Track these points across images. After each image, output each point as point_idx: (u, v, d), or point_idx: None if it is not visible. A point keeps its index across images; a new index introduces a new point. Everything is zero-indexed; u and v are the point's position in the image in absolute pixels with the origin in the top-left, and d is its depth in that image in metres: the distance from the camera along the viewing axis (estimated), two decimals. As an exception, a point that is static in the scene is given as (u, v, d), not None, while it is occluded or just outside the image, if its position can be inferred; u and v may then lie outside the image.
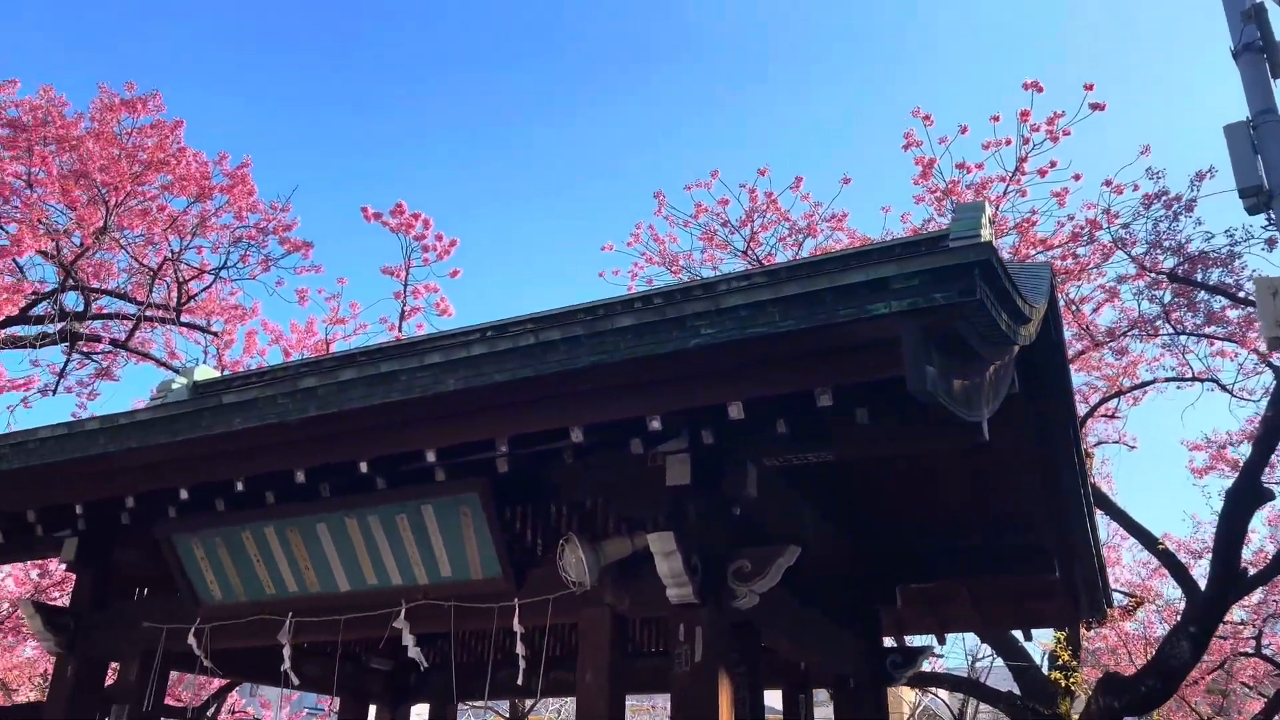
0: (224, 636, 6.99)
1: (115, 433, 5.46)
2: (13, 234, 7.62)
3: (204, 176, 10.15)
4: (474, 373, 4.50)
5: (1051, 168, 11.91)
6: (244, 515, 6.51)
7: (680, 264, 12.80)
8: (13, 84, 8.53)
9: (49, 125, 8.74)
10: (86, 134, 8.95)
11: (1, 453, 5.87)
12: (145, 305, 10.54)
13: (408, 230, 11.93)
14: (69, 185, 8.43)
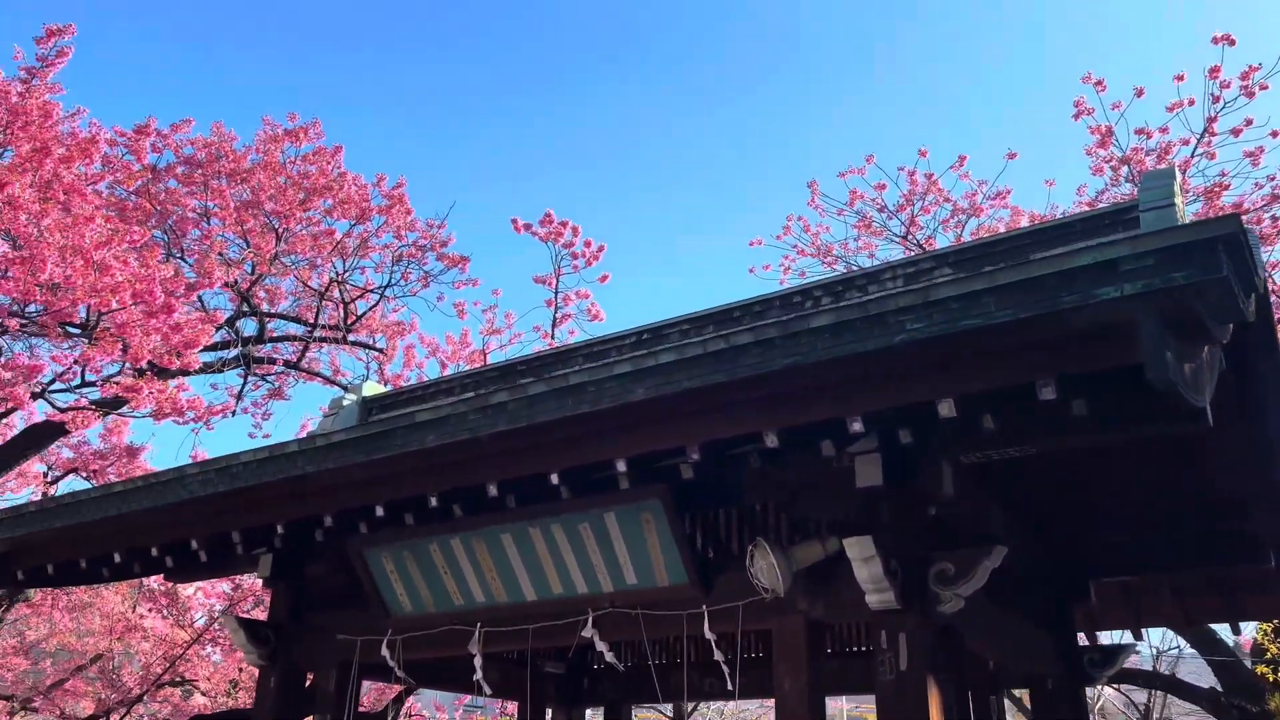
0: (414, 647, 7.22)
1: (313, 454, 5.67)
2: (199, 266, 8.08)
3: (364, 199, 10.56)
4: (663, 380, 4.45)
5: (1247, 126, 11.10)
6: (431, 528, 6.69)
7: (834, 254, 12.56)
8: (187, 123, 9.08)
9: (222, 160, 9.26)
10: (256, 165, 9.45)
11: (207, 477, 6.20)
12: (314, 326, 11.03)
13: (556, 238, 12.12)
14: (244, 216, 8.91)
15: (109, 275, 6.34)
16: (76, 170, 7.24)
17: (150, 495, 6.48)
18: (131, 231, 6.95)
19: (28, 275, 6.07)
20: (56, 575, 7.74)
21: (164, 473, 6.45)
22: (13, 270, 6.08)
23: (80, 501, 6.87)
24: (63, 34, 7.22)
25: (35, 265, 6.04)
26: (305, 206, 9.58)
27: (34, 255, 6.04)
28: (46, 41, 7.24)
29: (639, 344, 9.42)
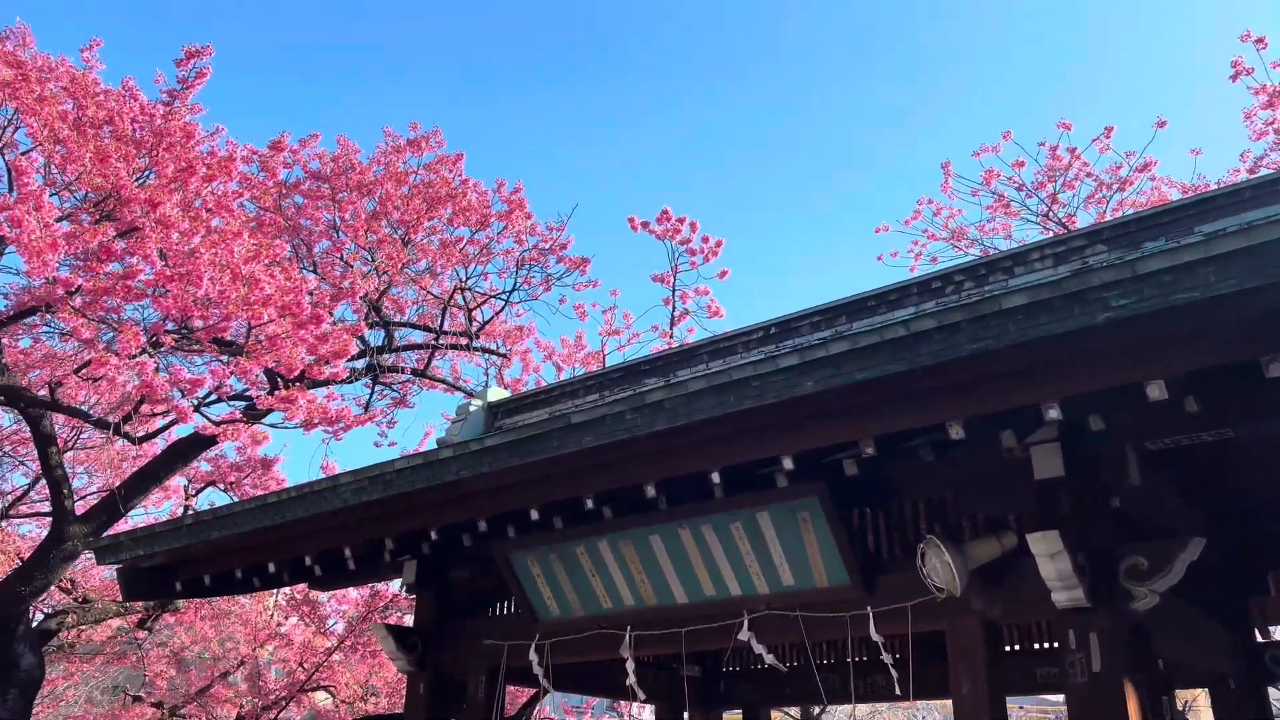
0: (562, 651, 7.21)
1: (467, 459, 5.68)
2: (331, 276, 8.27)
3: (484, 205, 10.65)
4: (834, 372, 4.28)
5: None
6: (577, 531, 6.66)
7: (967, 237, 12.14)
8: (314, 137, 9.30)
9: (349, 173, 9.46)
10: (380, 177, 9.63)
11: (360, 485, 6.28)
12: (439, 334, 11.18)
13: (673, 235, 12.03)
14: (374, 227, 9.08)
15: (258, 289, 6.52)
16: (215, 188, 7.46)
17: (304, 504, 6.61)
18: (273, 245, 7.14)
19: (184, 291, 6.28)
20: (213, 585, 7.98)
21: (318, 482, 6.57)
22: (170, 287, 6.29)
23: (236, 513, 7.06)
24: (201, 55, 7.48)
25: (191, 281, 6.25)
26: (429, 215, 9.72)
27: (190, 271, 6.25)
28: (185, 63, 7.51)
29: (766, 339, 9.23)
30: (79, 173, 6.49)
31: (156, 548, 7.59)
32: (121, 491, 8.70)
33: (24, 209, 5.91)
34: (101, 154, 6.51)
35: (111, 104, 7.21)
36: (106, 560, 8.11)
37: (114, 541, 7.96)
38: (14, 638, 8.87)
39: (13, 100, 6.97)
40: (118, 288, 6.31)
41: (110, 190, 6.54)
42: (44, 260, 5.94)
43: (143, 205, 6.45)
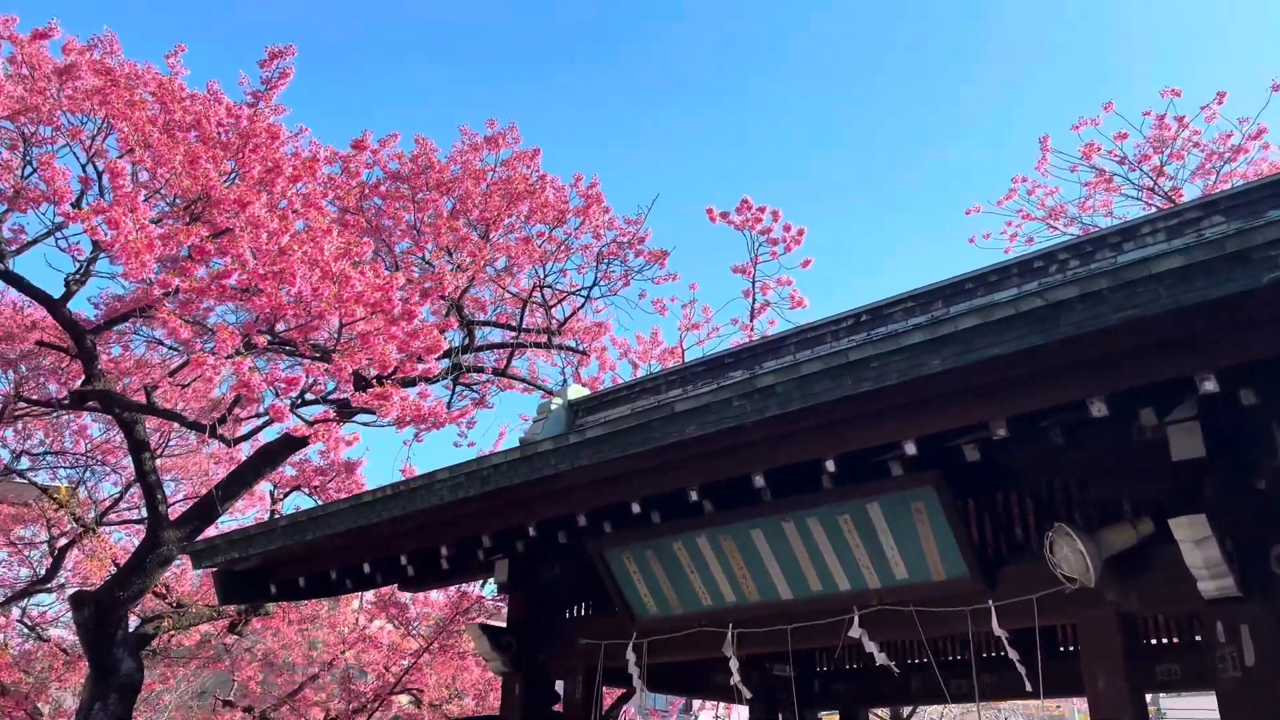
0: (661, 651, 7.06)
1: (567, 452, 5.56)
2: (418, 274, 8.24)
3: (562, 201, 10.57)
4: (964, 349, 4.04)
5: None
6: (675, 526, 6.50)
7: (1065, 216, 11.69)
8: (393, 137, 9.31)
9: (429, 171, 9.46)
10: (459, 175, 9.61)
11: (457, 481, 6.20)
12: (518, 332, 11.13)
13: (753, 226, 11.83)
14: (455, 226, 9.06)
15: (349, 286, 6.50)
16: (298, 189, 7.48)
17: (400, 503, 6.56)
18: (359, 244, 7.14)
19: (277, 290, 6.29)
20: (307, 587, 8.00)
21: (413, 479, 6.51)
22: (263, 286, 6.30)
23: (331, 513, 7.05)
24: (283, 55, 7.53)
25: (284, 279, 6.25)
26: (508, 212, 9.66)
27: (282, 270, 6.25)
28: (269, 64, 7.57)
29: (857, 326, 8.98)
30: (168, 176, 6.54)
31: (251, 550, 7.62)
32: (219, 492, 8.78)
33: (120, 210, 5.98)
34: (192, 156, 6.56)
35: (198, 108, 7.29)
36: (202, 564, 8.18)
37: (210, 545, 8.03)
38: (113, 642, 9.01)
39: (104, 106, 7.08)
40: (213, 288, 6.34)
41: (200, 193, 6.59)
42: (142, 261, 6.00)
43: (232, 206, 6.48)
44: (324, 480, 13.74)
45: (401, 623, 13.50)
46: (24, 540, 17.14)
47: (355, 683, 13.82)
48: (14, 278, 8.20)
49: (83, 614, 8.97)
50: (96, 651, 8.95)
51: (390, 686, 13.08)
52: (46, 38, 7.45)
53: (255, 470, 9.85)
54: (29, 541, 17.19)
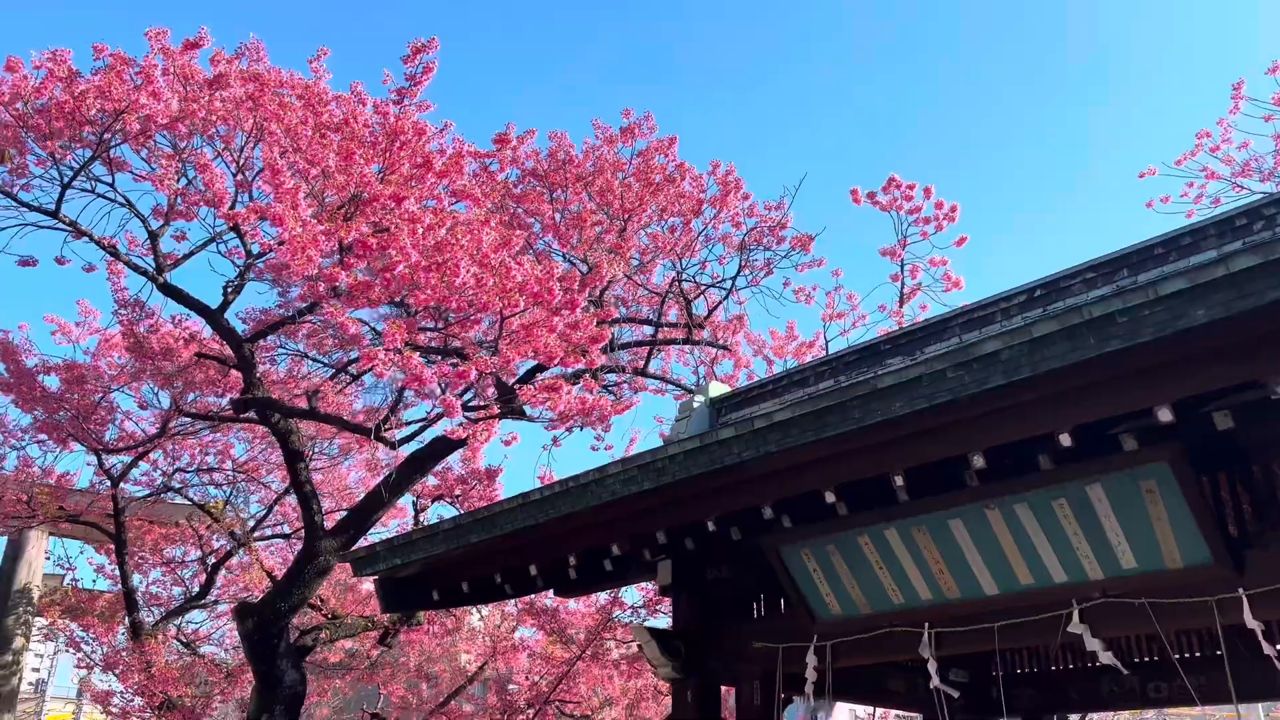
0: (847, 653, 6.65)
1: (752, 439, 5.22)
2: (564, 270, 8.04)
3: (700, 190, 10.28)
4: (1234, 295, 3.54)
5: None
6: (861, 518, 6.08)
7: (1260, 171, 10.76)
8: (530, 134, 9.18)
9: (566, 166, 9.29)
10: (597, 169, 9.42)
11: (630, 475, 5.94)
12: (658, 327, 10.87)
13: (900, 206, 11.29)
14: (600, 220, 8.86)
15: (510, 277, 6.33)
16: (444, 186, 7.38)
17: (568, 500, 6.33)
18: (513, 236, 6.98)
19: (440, 282, 6.16)
20: (471, 592, 7.86)
21: (583, 475, 6.27)
22: (426, 279, 6.18)
23: (495, 514, 6.87)
24: (426, 50, 7.43)
25: (448, 270, 6.11)
26: (647, 203, 9.42)
27: (446, 261, 6.13)
28: (412, 60, 7.49)
29: (1030, 303, 8.38)
30: (321, 177, 6.50)
31: (413, 556, 7.53)
32: (386, 489, 8.71)
33: (284, 206, 5.95)
34: (345, 153, 6.51)
35: (344, 109, 7.26)
36: (363, 571, 8.14)
37: (370, 552, 7.98)
38: (277, 654, 9.08)
39: (256, 111, 7.12)
40: (378, 282, 6.26)
41: (355, 190, 6.53)
42: (308, 256, 5.95)
43: (387, 202, 6.39)
44: (466, 488, 13.72)
45: (552, 630, 13.36)
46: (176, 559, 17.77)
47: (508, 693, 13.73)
48: (173, 290, 8.37)
49: (246, 625, 9.06)
50: (261, 663, 9.03)
51: (543, 696, 12.95)
52: (197, 48, 7.56)
53: (406, 478, 9.82)
54: (180, 560, 17.81)
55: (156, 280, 8.20)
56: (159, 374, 9.67)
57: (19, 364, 10.90)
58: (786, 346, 13.49)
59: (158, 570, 17.93)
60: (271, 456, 16.36)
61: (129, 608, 14.91)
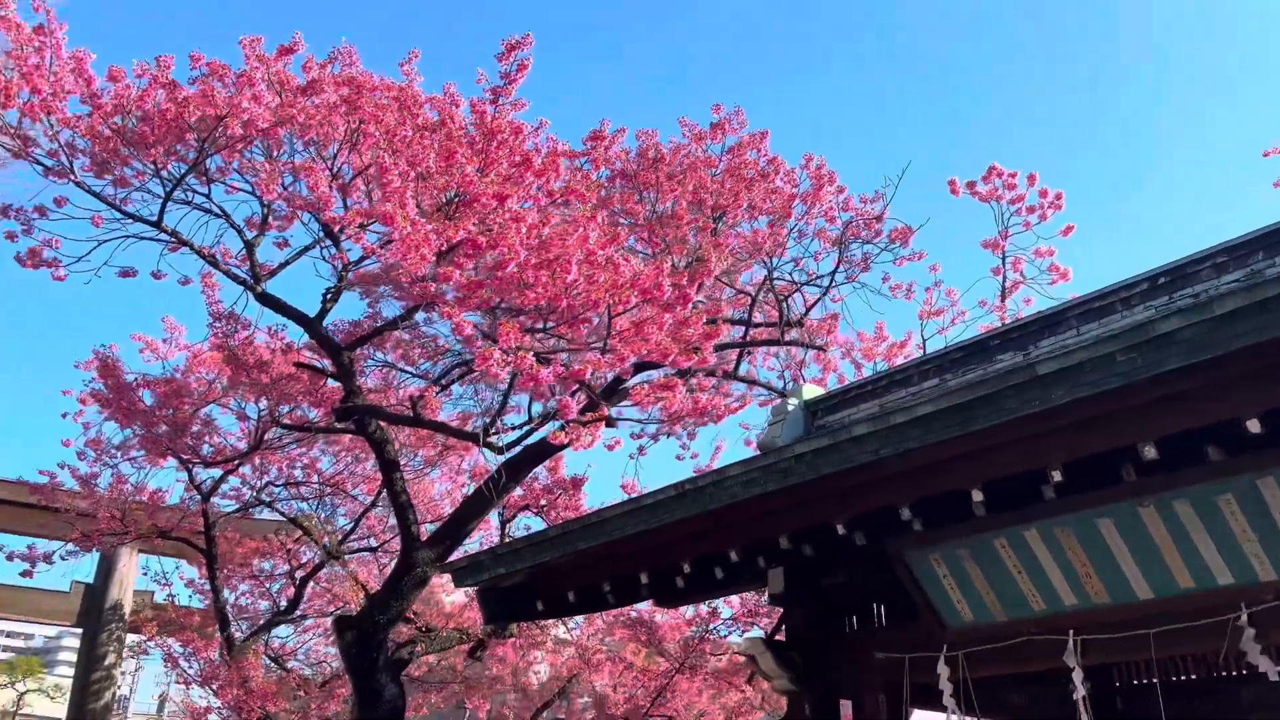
0: (982, 663, 6.30)
1: (889, 435, 4.94)
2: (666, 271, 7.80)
3: (793, 184, 10.00)
4: None
5: None
6: (997, 520, 5.75)
7: (1401, 144, 10.13)
8: (622, 132, 9.03)
9: (658, 164, 9.10)
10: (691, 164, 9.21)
11: (751, 476, 5.69)
12: (748, 328, 10.59)
13: (1000, 195, 10.85)
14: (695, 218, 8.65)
15: (619, 272, 6.14)
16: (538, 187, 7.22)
17: (683, 504, 6.10)
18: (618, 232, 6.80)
19: (551, 280, 6.00)
20: (577, 602, 7.67)
21: (700, 477, 6.05)
22: (536, 276, 6.01)
23: (606, 519, 6.67)
24: (521, 46, 7.31)
25: (560, 268, 5.95)
26: (740, 199, 9.17)
27: (557, 257, 5.97)
28: (506, 57, 7.36)
29: (1154, 290, 7.93)
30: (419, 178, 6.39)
31: (519, 564, 7.36)
32: (493, 489, 8.54)
33: (393, 205, 5.84)
34: (446, 153, 6.39)
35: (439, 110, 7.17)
36: (465, 582, 8.01)
37: (473, 561, 7.84)
38: (376, 668, 8.99)
39: (353, 114, 7.06)
40: (490, 281, 6.12)
41: (457, 190, 6.41)
42: (421, 255, 5.83)
43: (490, 201, 6.25)
44: (552, 498, 13.57)
45: (648, 642, 13.13)
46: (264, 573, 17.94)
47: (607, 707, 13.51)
48: (270, 299, 8.36)
49: (346, 639, 8.99)
50: (360, 677, 8.95)
51: (642, 709, 12.72)
52: (291, 53, 7.54)
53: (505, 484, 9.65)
54: (268, 574, 17.97)
55: (254, 289, 8.20)
56: (255, 386, 9.69)
57: (119, 379, 11.03)
58: (876, 348, 13.09)
59: (245, 585, 18.13)
60: (356, 470, 16.45)
61: (220, 623, 15.04)
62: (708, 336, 6.55)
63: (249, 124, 6.98)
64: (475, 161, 6.48)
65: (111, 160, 7.03)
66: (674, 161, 9.39)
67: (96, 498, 14.70)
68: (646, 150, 9.38)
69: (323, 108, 7.21)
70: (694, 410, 7.12)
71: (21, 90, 6.40)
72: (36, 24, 6.43)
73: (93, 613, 21.99)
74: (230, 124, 6.95)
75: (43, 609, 22.59)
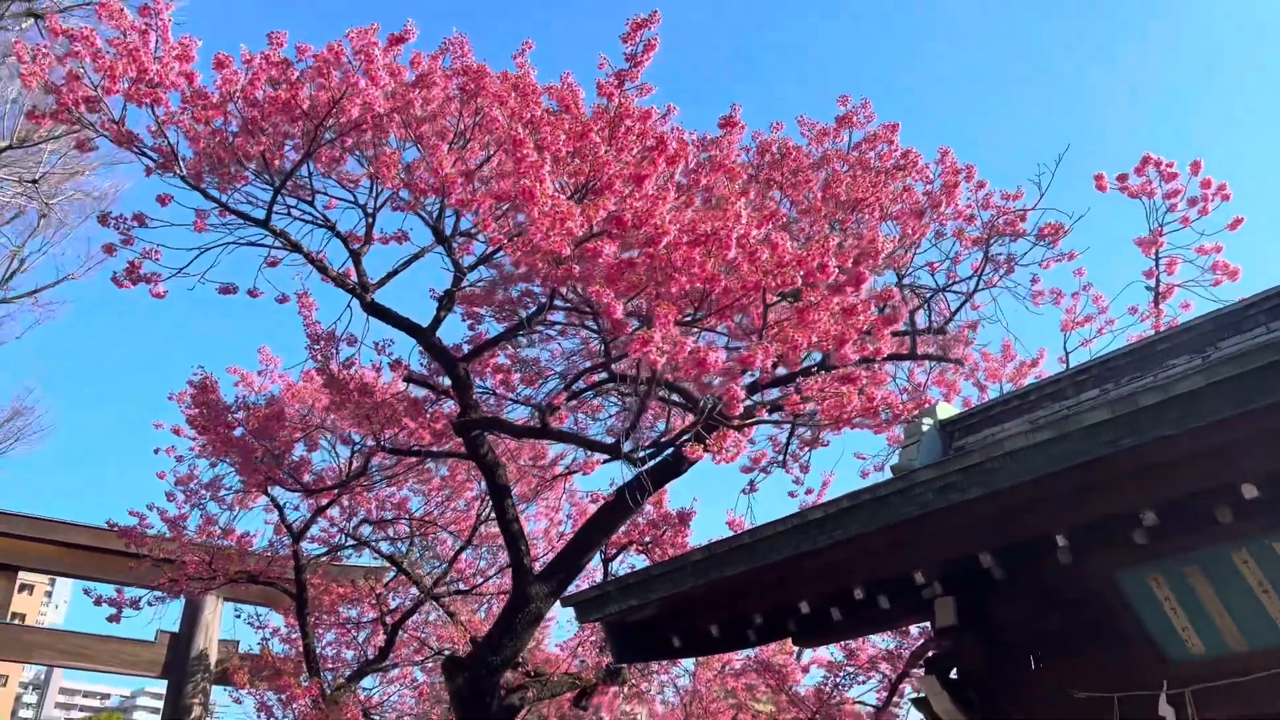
0: (1215, 703, 5.44)
1: (1135, 420, 4.19)
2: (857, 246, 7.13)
3: (927, 180, 9.32)
4: None
5: None
6: (1240, 527, 4.94)
7: None
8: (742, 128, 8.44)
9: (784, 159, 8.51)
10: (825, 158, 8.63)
11: (949, 480, 4.98)
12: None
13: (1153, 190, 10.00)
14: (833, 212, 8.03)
15: (778, 251, 5.53)
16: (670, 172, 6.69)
17: (859, 518, 5.40)
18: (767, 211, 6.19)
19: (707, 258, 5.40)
20: (721, 637, 6.97)
21: (881, 485, 5.36)
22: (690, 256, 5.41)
23: (757, 540, 5.99)
24: (648, 24, 6.82)
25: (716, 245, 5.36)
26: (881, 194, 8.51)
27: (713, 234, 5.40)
28: (632, 37, 6.88)
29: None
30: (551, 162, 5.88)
31: (651, 595, 6.71)
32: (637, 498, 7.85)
33: (531, 180, 5.33)
34: (579, 132, 5.89)
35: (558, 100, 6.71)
36: (591, 616, 7.38)
37: (600, 593, 7.21)
38: (489, 714, 8.36)
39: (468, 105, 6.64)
40: (641, 259, 5.56)
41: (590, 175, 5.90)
42: (566, 229, 5.29)
43: (627, 182, 5.72)
44: (657, 534, 12.90)
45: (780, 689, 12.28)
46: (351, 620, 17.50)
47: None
48: (379, 309, 7.92)
49: (456, 683, 8.39)
50: (472, 725, 8.32)
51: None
52: (402, 42, 7.16)
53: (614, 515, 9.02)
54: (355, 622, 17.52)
55: (363, 298, 7.77)
56: (358, 411, 9.25)
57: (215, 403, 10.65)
58: (1003, 369, 12.23)
59: (331, 634, 17.71)
60: (448, 509, 16.01)
61: (311, 670, 14.59)
62: (888, 321, 5.87)
63: (366, 106, 6.57)
64: (607, 144, 5.95)
65: (218, 153, 6.67)
66: (798, 159, 8.77)
67: (184, 541, 14.42)
68: (768, 146, 8.80)
69: (439, 96, 6.79)
70: (866, 409, 6.41)
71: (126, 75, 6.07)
72: (142, 3, 6.13)
73: (178, 663, 21.81)
74: (347, 106, 6.55)
75: (127, 659, 22.44)
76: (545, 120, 5.97)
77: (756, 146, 9.03)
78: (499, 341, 8.33)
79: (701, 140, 8.22)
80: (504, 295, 9.25)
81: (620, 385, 8.57)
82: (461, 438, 8.19)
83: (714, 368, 5.66)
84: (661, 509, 13.08)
